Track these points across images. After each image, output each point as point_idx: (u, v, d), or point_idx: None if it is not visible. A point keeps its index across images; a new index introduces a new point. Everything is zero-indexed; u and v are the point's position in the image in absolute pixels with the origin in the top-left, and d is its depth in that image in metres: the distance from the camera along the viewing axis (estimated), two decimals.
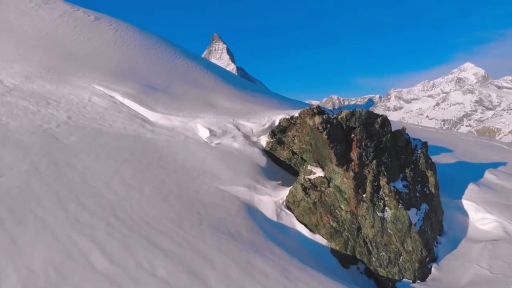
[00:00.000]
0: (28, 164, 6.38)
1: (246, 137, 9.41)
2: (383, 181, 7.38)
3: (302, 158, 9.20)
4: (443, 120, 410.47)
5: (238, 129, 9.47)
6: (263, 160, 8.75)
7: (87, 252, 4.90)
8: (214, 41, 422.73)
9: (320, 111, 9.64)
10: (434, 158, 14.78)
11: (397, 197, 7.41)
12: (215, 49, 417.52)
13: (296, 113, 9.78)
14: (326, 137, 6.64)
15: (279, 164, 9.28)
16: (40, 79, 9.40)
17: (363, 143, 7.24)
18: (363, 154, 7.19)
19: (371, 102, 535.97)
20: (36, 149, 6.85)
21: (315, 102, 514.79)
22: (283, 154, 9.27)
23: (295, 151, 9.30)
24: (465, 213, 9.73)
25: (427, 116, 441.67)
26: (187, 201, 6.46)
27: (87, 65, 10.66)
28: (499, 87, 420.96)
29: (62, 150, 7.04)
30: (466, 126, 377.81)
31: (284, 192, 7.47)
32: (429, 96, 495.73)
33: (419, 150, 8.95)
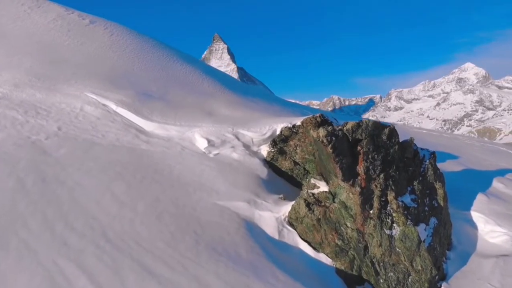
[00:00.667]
0: (14, 181, 6.05)
1: (246, 146, 9.09)
2: (390, 196, 7.05)
3: (304, 168, 8.87)
4: (444, 120, 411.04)
5: (238, 139, 9.14)
6: (263, 172, 8.42)
7: (74, 279, 4.58)
8: (214, 41, 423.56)
9: (324, 119, 9.33)
10: (440, 166, 14.46)
11: (406, 212, 7.09)
12: (215, 49, 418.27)
13: (298, 121, 9.47)
14: (331, 150, 6.31)
15: (281, 175, 8.96)
16: (30, 87, 9.05)
17: (370, 156, 6.91)
18: (370, 167, 6.86)
19: (371, 102, 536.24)
20: (23, 163, 6.51)
21: (315, 102, 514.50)
22: (285, 165, 8.95)
23: (297, 161, 8.98)
24: (474, 226, 9.47)
25: (428, 116, 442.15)
26: (183, 219, 6.12)
27: (80, 71, 10.32)
28: (499, 87, 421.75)
29: (50, 164, 6.70)
30: (467, 126, 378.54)
31: (286, 208, 7.13)
32: (430, 96, 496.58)
33: (427, 160, 8.64)
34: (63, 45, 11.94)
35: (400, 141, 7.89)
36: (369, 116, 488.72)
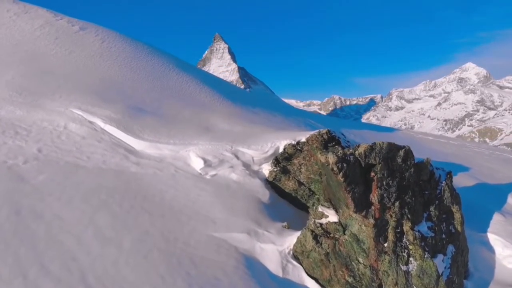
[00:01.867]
0: None
1: (246, 166, 8.51)
2: (406, 226, 6.46)
3: (310, 189, 8.32)
4: (445, 120, 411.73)
5: (237, 158, 8.56)
6: (265, 194, 7.85)
7: None
8: (215, 41, 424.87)
9: (330, 136, 8.74)
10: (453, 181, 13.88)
11: (423, 243, 6.51)
12: (216, 49, 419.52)
13: (303, 138, 8.91)
14: (342, 179, 5.70)
15: (284, 196, 8.40)
16: (10, 104, 8.45)
17: (384, 183, 6.31)
18: (385, 195, 6.26)
19: (372, 102, 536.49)
20: None
21: (316, 102, 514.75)
22: (289, 185, 8.38)
23: (302, 181, 8.43)
24: (491, 249, 9.21)
25: (429, 116, 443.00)
26: (174, 257, 5.53)
27: (66, 84, 9.71)
28: (501, 87, 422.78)
29: (27, 193, 6.12)
30: (468, 126, 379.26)
31: (291, 239, 6.52)
32: (431, 96, 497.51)
33: (443, 181, 8.08)
34: (49, 55, 11.35)
35: (408, 152, 7.27)
36: (370, 116, 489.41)
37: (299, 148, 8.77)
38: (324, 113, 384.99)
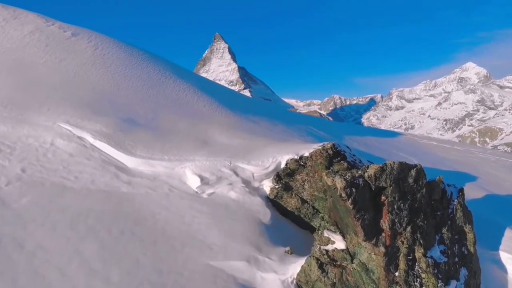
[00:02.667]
0: None
1: (246, 183, 8.13)
2: (419, 252, 6.06)
3: (313, 207, 7.97)
4: (445, 120, 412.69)
5: (236, 174, 8.18)
6: (266, 214, 7.46)
7: None
8: (215, 41, 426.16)
9: (336, 151, 8.35)
10: None
11: (436, 271, 6.12)
12: (216, 49, 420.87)
13: (306, 152, 8.54)
14: (351, 206, 5.29)
15: (286, 214, 8.04)
16: None
17: (395, 206, 5.91)
18: (396, 220, 5.86)
19: (372, 101, 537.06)
20: None
21: (316, 102, 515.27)
22: (291, 203, 8.02)
23: (305, 198, 8.08)
24: (503, 269, 8.72)
25: (429, 116, 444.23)
26: None
27: (54, 95, 9.30)
28: (501, 87, 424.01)
29: (8, 220, 5.74)
30: (468, 125, 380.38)
31: (294, 267, 6.11)
32: (431, 95, 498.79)
33: (455, 200, 7.71)
34: (38, 63, 10.93)
35: (420, 171, 6.87)
36: (370, 115, 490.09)
37: (302, 163, 8.40)
38: (325, 113, 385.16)
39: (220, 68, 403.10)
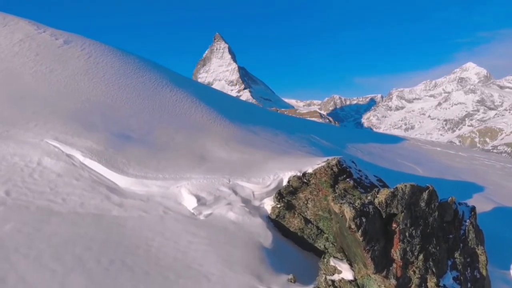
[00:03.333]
0: None
1: (246, 202, 7.78)
2: (431, 282, 5.73)
3: (318, 227, 7.62)
4: (445, 120, 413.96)
5: (235, 193, 7.83)
6: (267, 237, 7.09)
7: None
8: (215, 41, 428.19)
9: (341, 169, 7.99)
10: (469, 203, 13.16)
11: None
12: (216, 49, 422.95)
13: (309, 168, 8.20)
14: (361, 238, 4.91)
15: (289, 235, 7.66)
16: None
17: (407, 234, 5.55)
18: (408, 249, 5.49)
19: (372, 101, 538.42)
20: None
21: (316, 102, 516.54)
22: (294, 223, 7.68)
23: (308, 218, 7.75)
24: None
25: (429, 116, 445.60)
26: None
27: (43, 109, 8.91)
28: (501, 87, 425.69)
29: None
30: (468, 126, 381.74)
31: None
32: (431, 95, 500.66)
33: (467, 220, 7.36)
34: (27, 74, 10.56)
35: (432, 193, 6.51)
36: (370, 115, 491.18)
37: (305, 180, 8.06)
38: (325, 113, 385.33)
39: (220, 68, 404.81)
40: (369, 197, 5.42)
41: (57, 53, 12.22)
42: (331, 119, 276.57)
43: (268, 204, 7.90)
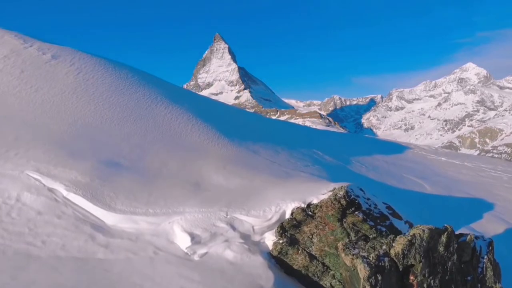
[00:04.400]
0: None
1: (245, 238, 7.30)
2: None
3: (323, 264, 7.13)
4: (445, 120, 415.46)
5: (233, 228, 7.34)
6: (269, 279, 6.63)
7: None
8: (215, 41, 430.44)
9: (349, 201, 7.50)
10: (479, 227, 12.55)
11: None
12: (216, 49, 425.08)
13: (314, 199, 7.74)
14: None
15: (292, 273, 7.18)
16: None
17: (425, 286, 5.01)
18: None
19: (372, 102, 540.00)
20: None
21: (316, 102, 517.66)
22: (298, 260, 7.23)
23: (314, 254, 7.27)
24: None
25: (429, 116, 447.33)
26: None
27: (25, 135, 8.41)
28: (501, 88, 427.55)
29: None
30: (468, 126, 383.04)
31: None
32: (431, 96, 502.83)
33: (485, 256, 6.83)
34: (10, 95, 10.05)
35: (451, 235, 6.01)
36: (370, 116, 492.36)
37: (310, 213, 7.57)
38: (325, 113, 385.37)
39: (220, 68, 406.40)
40: (384, 248, 4.91)
41: (44, 70, 11.71)
42: (331, 119, 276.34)
43: (270, 239, 7.43)
